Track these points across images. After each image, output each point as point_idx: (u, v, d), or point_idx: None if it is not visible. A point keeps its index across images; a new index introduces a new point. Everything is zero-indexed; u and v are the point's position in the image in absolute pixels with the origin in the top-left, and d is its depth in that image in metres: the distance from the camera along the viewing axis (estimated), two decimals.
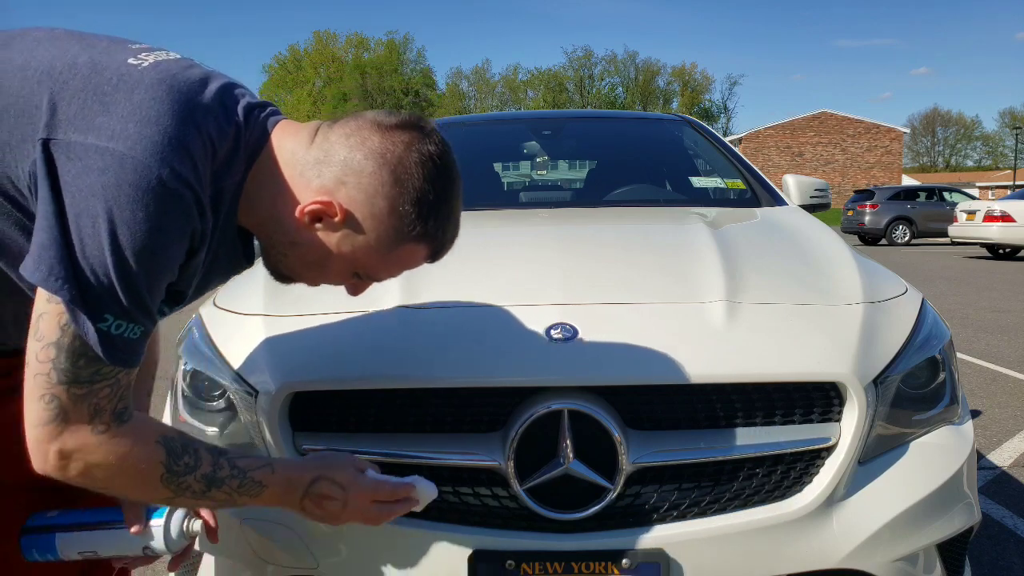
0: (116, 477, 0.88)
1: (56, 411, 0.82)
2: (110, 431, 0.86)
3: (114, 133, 0.80)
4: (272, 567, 1.26)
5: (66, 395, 0.82)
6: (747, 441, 1.22)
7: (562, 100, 79.11)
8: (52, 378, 0.82)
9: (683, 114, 3.41)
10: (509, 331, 1.27)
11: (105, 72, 0.84)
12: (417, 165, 0.91)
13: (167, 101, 0.84)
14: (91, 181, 0.78)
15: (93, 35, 0.94)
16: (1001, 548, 2.35)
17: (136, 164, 0.79)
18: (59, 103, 0.82)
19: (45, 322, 0.81)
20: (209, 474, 0.94)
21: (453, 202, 0.97)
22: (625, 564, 1.17)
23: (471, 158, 3.04)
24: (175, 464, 0.91)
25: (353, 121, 0.94)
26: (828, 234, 1.88)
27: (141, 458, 0.88)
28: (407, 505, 1.09)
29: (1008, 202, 13.79)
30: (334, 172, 0.90)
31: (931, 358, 1.39)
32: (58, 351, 0.81)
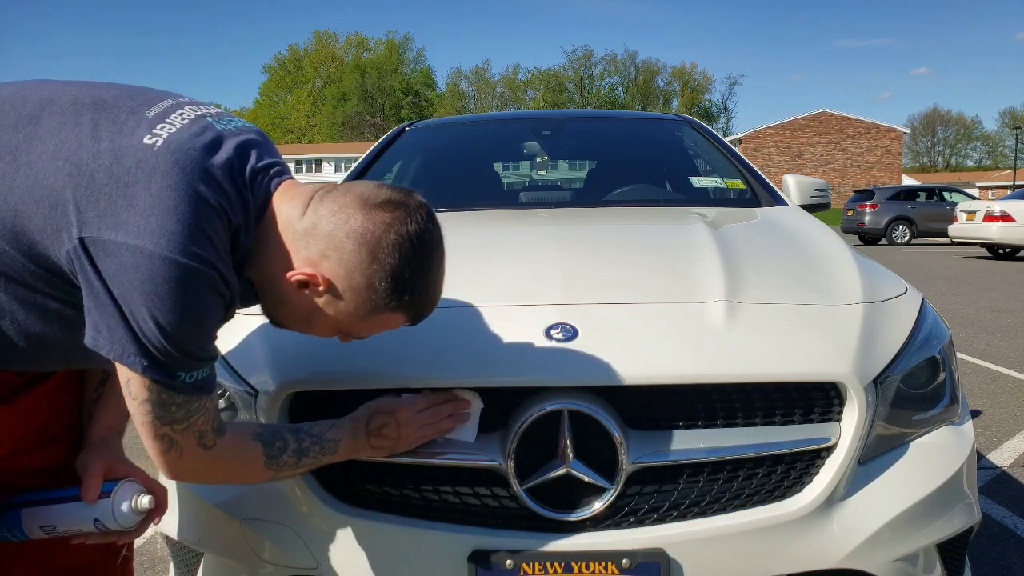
0: (232, 475, 1.09)
1: (169, 445, 0.99)
2: (217, 445, 1.03)
3: (140, 230, 0.89)
4: (272, 567, 1.26)
5: (172, 432, 0.99)
6: (747, 441, 1.22)
7: (562, 100, 79.11)
8: (155, 424, 0.97)
9: (683, 114, 3.41)
10: (509, 331, 1.27)
11: (124, 160, 0.92)
12: (394, 246, 0.97)
13: (182, 188, 0.91)
14: (129, 277, 0.89)
15: (115, 96, 1.00)
16: (1001, 548, 2.35)
17: (164, 259, 0.89)
18: (89, 199, 0.90)
19: (134, 385, 0.95)
20: (297, 448, 1.11)
21: (430, 276, 1.03)
22: (625, 564, 1.17)
23: (471, 158, 3.05)
24: (271, 451, 1.09)
25: (342, 196, 1.00)
26: (828, 234, 1.88)
27: (246, 456, 1.08)
28: (455, 407, 1.19)
29: (1008, 202, 13.79)
30: (319, 246, 0.98)
31: (931, 358, 1.39)
32: (151, 405, 0.96)
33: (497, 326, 1.29)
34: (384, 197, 0.99)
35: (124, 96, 1.01)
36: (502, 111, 58.38)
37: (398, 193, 1.01)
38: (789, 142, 48.71)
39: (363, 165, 2.72)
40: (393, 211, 0.98)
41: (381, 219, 0.97)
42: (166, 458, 1.00)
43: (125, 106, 0.99)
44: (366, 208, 0.98)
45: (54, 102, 0.98)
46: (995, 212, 13.66)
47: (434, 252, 1.02)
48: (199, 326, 0.95)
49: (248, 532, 1.26)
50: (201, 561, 1.37)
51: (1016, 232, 13.45)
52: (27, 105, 0.97)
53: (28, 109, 0.97)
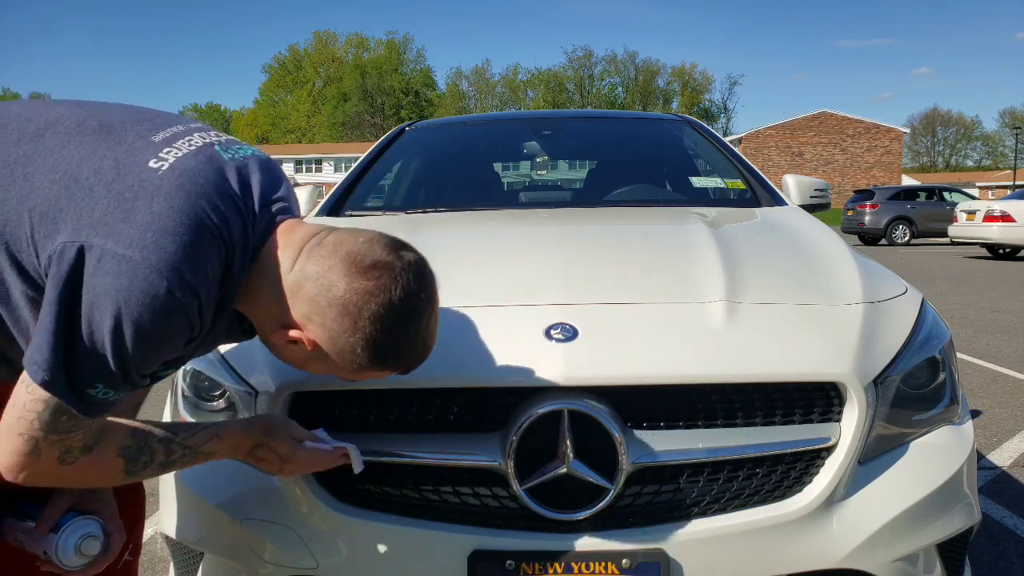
0: (81, 483, 1.04)
1: (31, 448, 0.92)
2: (77, 462, 0.97)
3: (132, 241, 0.87)
4: (272, 567, 1.26)
5: (44, 440, 0.92)
6: (747, 441, 1.22)
7: (562, 100, 79.11)
8: (34, 424, 0.91)
9: (683, 114, 3.41)
10: (509, 331, 1.27)
11: (127, 177, 0.91)
12: (375, 316, 0.95)
13: (184, 211, 0.90)
14: (105, 281, 0.86)
15: (122, 120, 0.99)
16: (1001, 548, 2.35)
17: (149, 273, 0.87)
18: (83, 209, 0.89)
19: (28, 395, 0.89)
20: (163, 461, 1.06)
21: (415, 339, 1.00)
22: (625, 564, 1.17)
23: (471, 158, 3.05)
24: (133, 467, 1.03)
25: (329, 257, 0.96)
26: (828, 234, 1.87)
27: (103, 470, 1.01)
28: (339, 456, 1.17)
29: (1008, 202, 13.79)
30: (303, 308, 0.96)
31: (931, 358, 1.39)
32: (44, 407, 0.90)
33: (497, 326, 1.29)
34: (370, 260, 0.95)
35: (131, 120, 1.00)
36: (502, 111, 58.39)
37: (387, 252, 0.97)
38: (789, 142, 48.71)
39: (363, 165, 2.72)
40: (378, 277, 0.95)
41: (364, 288, 0.94)
42: (18, 458, 0.92)
43: (132, 130, 0.98)
44: (350, 274, 0.94)
45: (60, 123, 0.97)
46: (995, 212, 13.66)
47: (421, 316, 0.99)
48: (153, 350, 0.92)
49: (248, 532, 1.26)
50: (201, 561, 1.37)
51: (1016, 232, 13.45)
52: (31, 124, 0.97)
53: (32, 128, 0.96)
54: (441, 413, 1.24)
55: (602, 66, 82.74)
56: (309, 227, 1.02)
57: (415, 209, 2.38)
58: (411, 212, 2.35)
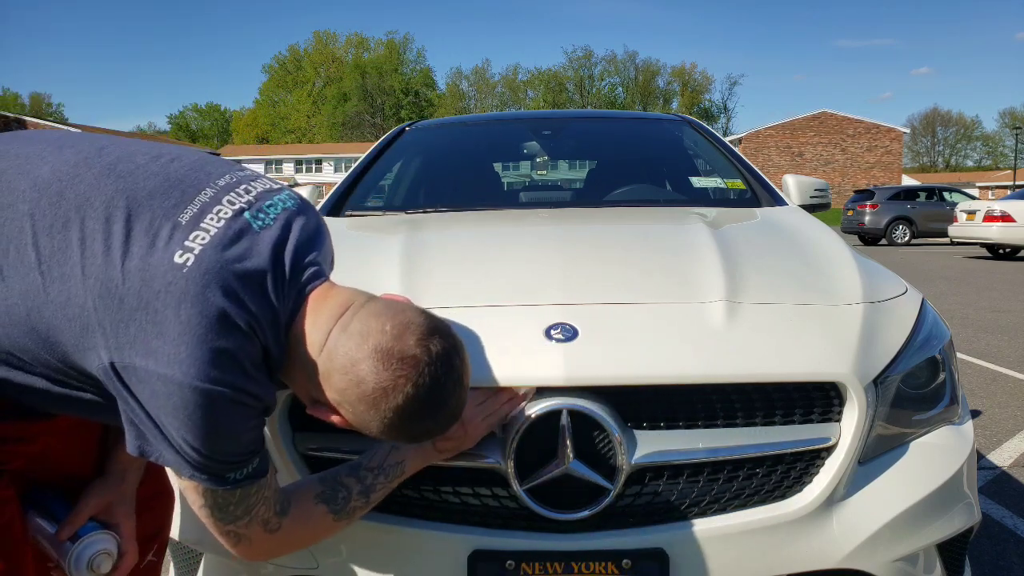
0: (306, 540, 1.12)
1: (237, 539, 1.03)
2: (282, 526, 1.06)
3: (170, 359, 0.89)
4: (272, 567, 1.26)
5: (237, 527, 1.02)
6: (747, 441, 1.22)
7: (562, 100, 79.11)
8: (219, 524, 1.01)
9: (683, 114, 3.41)
10: (509, 331, 1.27)
11: (154, 283, 0.91)
12: (399, 410, 0.96)
13: (211, 314, 0.91)
14: (162, 403, 0.90)
15: (150, 192, 0.97)
16: (1001, 548, 2.35)
17: (193, 389, 0.89)
18: (119, 324, 0.90)
19: (189, 493, 1.00)
20: (361, 489, 1.13)
21: (441, 418, 1.01)
22: (625, 564, 1.17)
23: (471, 158, 3.05)
24: (335, 506, 1.11)
25: (359, 348, 0.95)
26: (828, 234, 1.87)
27: (314, 521, 1.10)
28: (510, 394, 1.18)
29: (1008, 202, 13.79)
30: (334, 396, 0.98)
31: (931, 358, 1.39)
32: (210, 509, 1.00)
33: (497, 326, 1.29)
34: (398, 354, 0.94)
35: (160, 191, 0.97)
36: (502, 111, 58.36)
37: (416, 343, 0.96)
38: (789, 142, 48.70)
39: (363, 165, 2.72)
40: (406, 372, 0.94)
41: (391, 383, 0.94)
42: (237, 549, 1.04)
43: (160, 206, 0.96)
44: (377, 368, 0.94)
45: (89, 203, 0.95)
46: (995, 212, 13.66)
47: (448, 399, 0.99)
48: (234, 441, 0.96)
49: None
50: (201, 561, 1.37)
51: (1016, 232, 13.45)
52: (62, 204, 0.95)
53: (63, 210, 0.94)
54: None
55: (602, 66, 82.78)
56: (337, 299, 1.00)
57: (415, 209, 2.38)
58: (411, 212, 2.35)
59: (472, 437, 1.16)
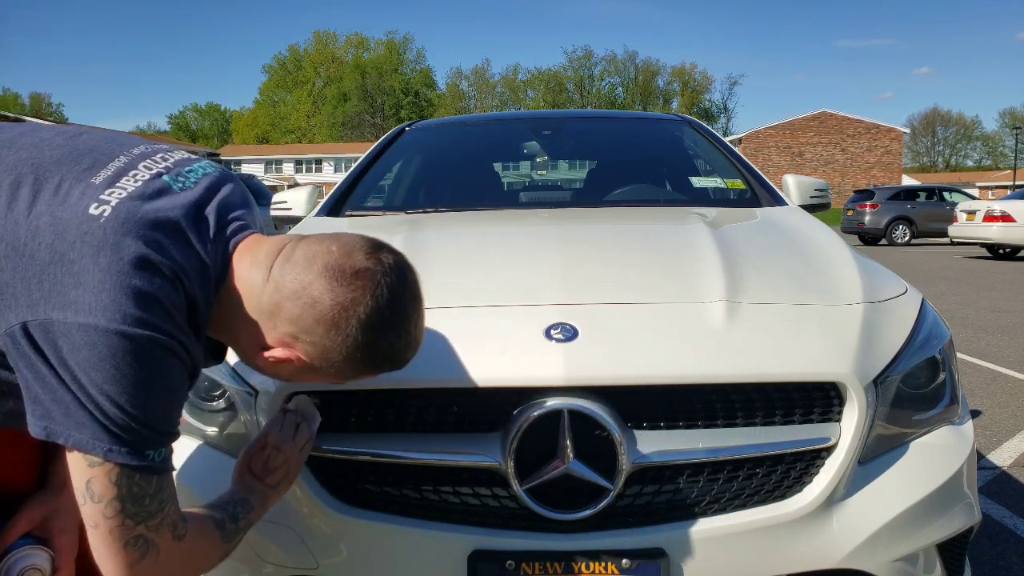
0: (200, 563, 1.00)
1: (145, 550, 0.90)
2: (187, 534, 0.96)
3: (91, 307, 0.83)
4: (272, 567, 1.26)
5: (147, 531, 0.90)
6: (747, 441, 1.22)
7: (562, 100, 79.12)
8: (128, 525, 0.89)
9: (683, 114, 3.41)
10: (509, 331, 1.27)
11: (67, 234, 0.86)
12: (362, 326, 0.93)
13: (134, 260, 0.86)
14: (84, 356, 0.83)
15: (58, 159, 0.93)
16: (1001, 548, 2.35)
17: (120, 334, 0.83)
18: (31, 281, 0.84)
19: (97, 484, 0.87)
20: (231, 515, 1.06)
21: (406, 337, 0.99)
22: (625, 564, 1.17)
23: (471, 158, 3.05)
24: (222, 528, 1.03)
25: (305, 271, 0.93)
26: (828, 234, 1.87)
27: (207, 535, 1.01)
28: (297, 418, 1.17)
29: (1008, 202, 13.79)
30: (287, 329, 0.94)
31: (931, 358, 1.39)
32: (122, 503, 0.88)
33: (497, 326, 1.29)
34: (351, 269, 0.93)
35: (68, 158, 0.94)
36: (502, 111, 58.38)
37: (366, 257, 0.95)
38: (789, 142, 48.70)
39: (363, 165, 2.72)
40: (361, 286, 0.93)
41: (348, 298, 0.92)
42: (140, 566, 0.90)
43: (70, 171, 0.92)
44: (331, 286, 0.92)
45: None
46: (995, 212, 13.66)
47: (409, 314, 0.98)
48: (165, 397, 0.89)
49: (248, 532, 1.26)
50: None
51: (1016, 232, 13.44)
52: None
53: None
54: (441, 413, 1.24)
55: (602, 66, 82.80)
56: (272, 241, 0.99)
57: (415, 209, 2.38)
58: (411, 212, 2.34)
59: (294, 458, 1.15)
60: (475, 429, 1.23)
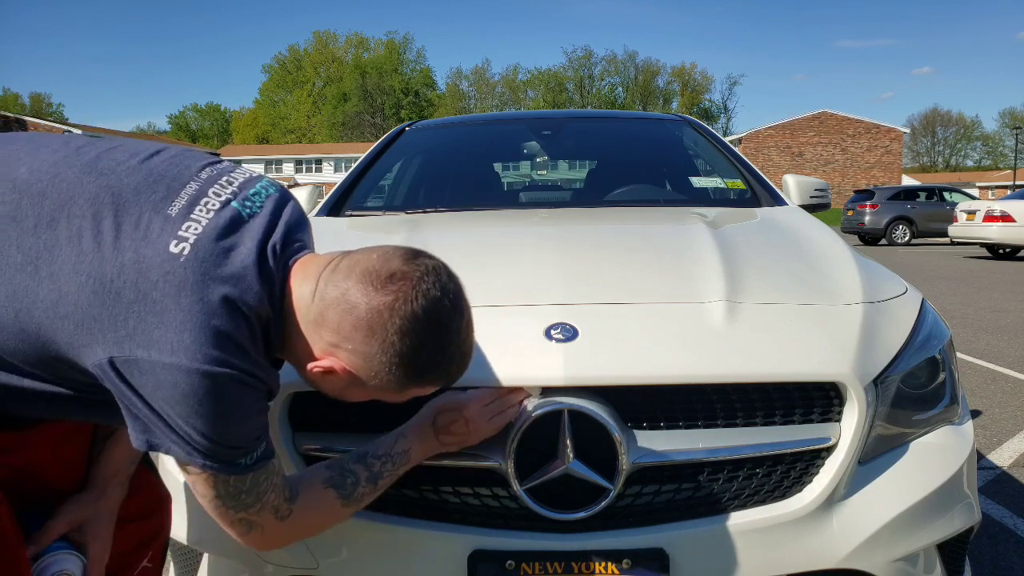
0: (317, 526, 1.10)
1: (248, 527, 1.02)
2: (292, 513, 1.05)
3: (173, 347, 0.88)
4: (272, 567, 1.26)
5: (248, 515, 1.01)
6: (747, 441, 1.22)
7: (562, 100, 79.11)
8: (230, 514, 1.00)
9: (683, 114, 3.41)
10: (509, 331, 1.27)
11: (151, 274, 0.90)
12: (400, 332, 0.93)
13: (212, 300, 0.91)
14: (168, 394, 0.89)
15: (136, 187, 0.96)
16: (1001, 548, 2.35)
17: (201, 374, 0.89)
18: (116, 318, 0.89)
19: (198, 485, 0.98)
20: (369, 476, 1.12)
21: (450, 348, 0.98)
22: (625, 564, 1.17)
23: (471, 158, 3.04)
24: (344, 491, 1.10)
25: (345, 280, 0.95)
26: (828, 234, 1.87)
27: (324, 507, 1.08)
28: (517, 397, 1.19)
29: (1008, 202, 13.78)
30: (330, 337, 0.96)
31: (931, 358, 1.39)
32: (221, 499, 0.99)
33: (497, 326, 1.29)
34: (387, 273, 0.94)
35: (145, 187, 0.97)
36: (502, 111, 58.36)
37: (404, 262, 0.96)
38: (789, 142, 48.70)
39: (363, 165, 2.72)
40: (396, 291, 0.93)
41: (384, 303, 0.92)
42: (248, 539, 1.03)
43: (147, 201, 0.95)
44: (368, 291, 0.93)
45: (73, 201, 0.94)
46: (995, 212, 13.66)
47: (450, 322, 0.96)
48: (243, 423, 0.95)
49: None
50: (202, 561, 1.37)
51: (1016, 232, 13.44)
52: (45, 203, 0.93)
53: (47, 209, 0.93)
54: None
55: (602, 66, 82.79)
56: (323, 257, 1.01)
57: (415, 209, 2.38)
58: (411, 212, 2.34)
59: (476, 434, 1.16)
60: None
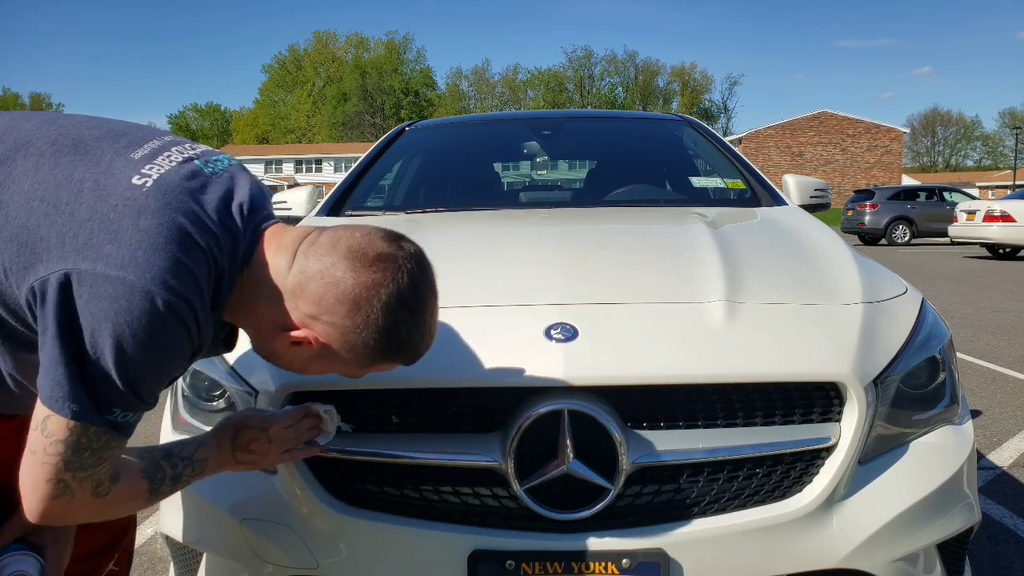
0: (112, 513, 1.00)
1: (61, 491, 0.91)
2: (110, 492, 0.96)
3: (123, 262, 0.86)
4: (272, 567, 1.26)
5: (72, 479, 0.91)
6: (747, 441, 1.22)
7: (562, 100, 79.11)
8: (59, 467, 0.90)
9: (683, 114, 3.41)
10: (509, 331, 1.27)
11: (110, 198, 0.89)
12: (385, 308, 0.95)
13: (172, 227, 0.89)
14: (103, 306, 0.85)
15: (96, 137, 0.97)
16: (1001, 548, 2.35)
17: (146, 292, 0.86)
18: (66, 235, 0.87)
19: (52, 423, 0.88)
20: (173, 475, 1.05)
21: (423, 327, 1.01)
22: (625, 564, 1.17)
23: (471, 158, 3.05)
24: (154, 484, 1.03)
25: (329, 254, 0.96)
26: (828, 234, 1.88)
27: (133, 493, 1.00)
28: (315, 422, 1.17)
29: (1008, 202, 13.78)
30: (309, 308, 0.96)
31: (931, 358, 1.39)
32: (66, 447, 0.89)
33: (497, 326, 1.29)
34: (373, 253, 0.96)
35: (107, 137, 0.98)
36: (502, 111, 58.39)
37: (388, 244, 0.98)
38: (789, 142, 48.69)
39: (363, 165, 2.72)
40: (383, 269, 0.95)
41: (371, 280, 0.94)
42: (50, 503, 0.91)
43: (109, 148, 0.96)
44: (355, 267, 0.95)
45: (31, 143, 0.94)
46: (995, 212, 13.65)
47: (427, 303, 1.00)
48: (161, 365, 0.92)
49: (248, 532, 1.26)
50: (201, 561, 1.37)
51: (1016, 232, 13.44)
52: (2, 144, 0.94)
53: (1, 150, 0.93)
54: (441, 413, 1.24)
55: (602, 66, 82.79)
56: (297, 229, 1.02)
57: (415, 209, 2.38)
58: (411, 212, 2.35)
59: (273, 456, 1.14)
60: (475, 429, 1.23)
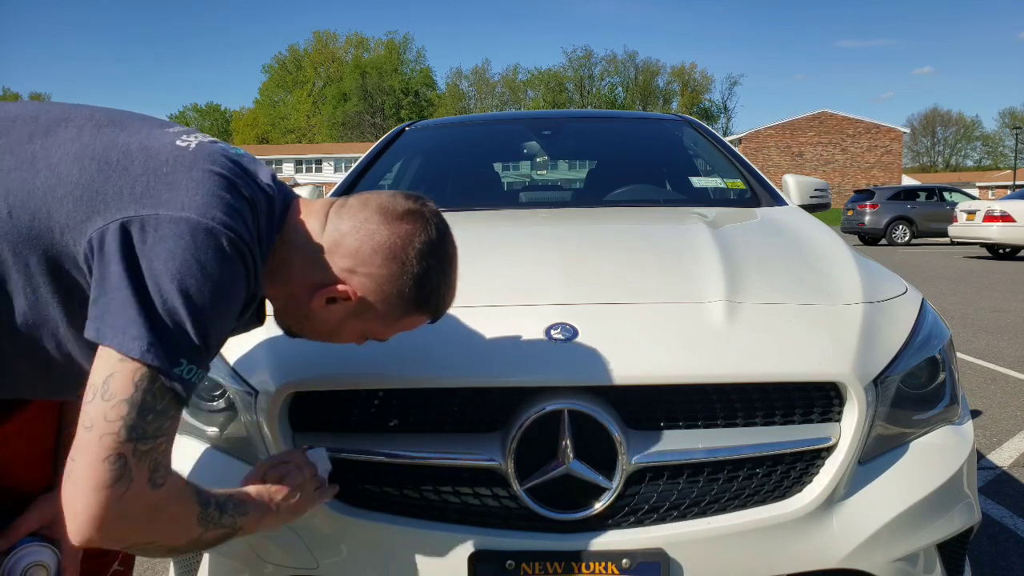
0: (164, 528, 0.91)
1: (121, 471, 0.83)
2: (166, 483, 0.89)
3: (184, 204, 0.89)
4: (272, 567, 1.26)
5: (132, 453, 0.84)
6: (747, 441, 1.22)
7: (562, 100, 79.11)
8: (121, 436, 0.83)
9: (683, 114, 3.41)
10: (509, 331, 1.27)
11: (159, 155, 0.94)
12: (419, 255, 1.02)
13: (223, 179, 0.94)
14: (168, 246, 0.87)
15: (127, 117, 1.02)
16: (1001, 548, 2.35)
17: (209, 229, 0.89)
18: (123, 186, 0.90)
19: (117, 381, 0.84)
20: (217, 502, 0.98)
21: (450, 277, 1.09)
22: (625, 564, 1.17)
23: (471, 158, 3.05)
24: (201, 498, 0.95)
25: (361, 211, 1.03)
26: (828, 234, 1.88)
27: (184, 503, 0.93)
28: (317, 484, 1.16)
29: (1008, 202, 13.78)
30: (347, 262, 1.01)
31: (931, 358, 1.39)
32: (130, 407, 0.84)
33: (497, 326, 1.29)
34: (403, 208, 1.03)
35: (138, 118, 1.03)
36: (502, 111, 58.37)
37: (414, 202, 1.05)
38: (789, 142, 48.69)
39: (363, 165, 2.72)
40: (413, 221, 1.03)
41: (404, 231, 1.02)
42: (105, 492, 0.82)
43: (143, 123, 1.01)
44: (388, 221, 1.02)
45: (69, 119, 0.98)
46: (995, 212, 13.65)
47: (452, 256, 1.09)
48: (225, 304, 0.91)
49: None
50: (202, 561, 1.37)
51: (1016, 232, 13.44)
52: (40, 121, 0.96)
53: (42, 124, 0.96)
54: (441, 413, 1.24)
55: (602, 66, 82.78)
56: (322, 200, 1.09)
57: None
58: None
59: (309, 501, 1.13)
60: (475, 429, 1.23)
